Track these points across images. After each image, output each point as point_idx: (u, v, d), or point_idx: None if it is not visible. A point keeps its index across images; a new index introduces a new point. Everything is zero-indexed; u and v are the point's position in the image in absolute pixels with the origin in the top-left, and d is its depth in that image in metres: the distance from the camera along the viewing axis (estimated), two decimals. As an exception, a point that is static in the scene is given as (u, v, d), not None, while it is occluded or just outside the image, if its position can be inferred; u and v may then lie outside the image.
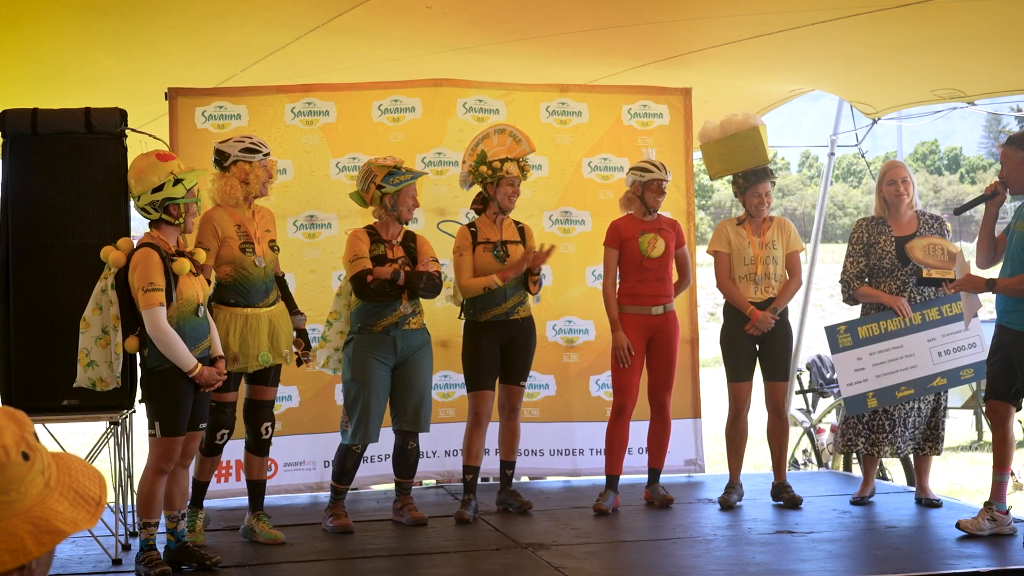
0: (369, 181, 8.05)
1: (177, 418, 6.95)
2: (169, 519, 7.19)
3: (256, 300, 7.67)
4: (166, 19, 8.67)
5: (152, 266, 6.79)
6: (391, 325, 8.06)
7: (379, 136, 9.63)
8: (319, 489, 9.32)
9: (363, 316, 8.08)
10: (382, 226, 8.15)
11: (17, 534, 2.20)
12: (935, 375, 8.79)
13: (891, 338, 8.79)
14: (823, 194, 12.30)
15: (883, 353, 8.79)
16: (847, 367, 8.85)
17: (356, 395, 8.05)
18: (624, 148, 10.14)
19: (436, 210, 9.31)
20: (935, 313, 8.81)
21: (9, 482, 2.21)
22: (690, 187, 10.26)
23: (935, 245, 8.52)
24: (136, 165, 7.02)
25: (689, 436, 10.17)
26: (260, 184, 7.72)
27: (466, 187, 8.73)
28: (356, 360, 8.06)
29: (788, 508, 8.80)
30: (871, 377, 8.81)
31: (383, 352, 8.07)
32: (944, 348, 8.79)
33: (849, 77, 10.79)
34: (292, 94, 9.56)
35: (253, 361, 7.64)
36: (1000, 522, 7.68)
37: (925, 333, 8.78)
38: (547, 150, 9.93)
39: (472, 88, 9.86)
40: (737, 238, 8.89)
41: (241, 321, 7.60)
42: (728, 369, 8.98)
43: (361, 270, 7.94)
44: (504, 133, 8.61)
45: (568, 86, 10.12)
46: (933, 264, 8.45)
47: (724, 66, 10.37)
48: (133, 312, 6.89)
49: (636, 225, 8.76)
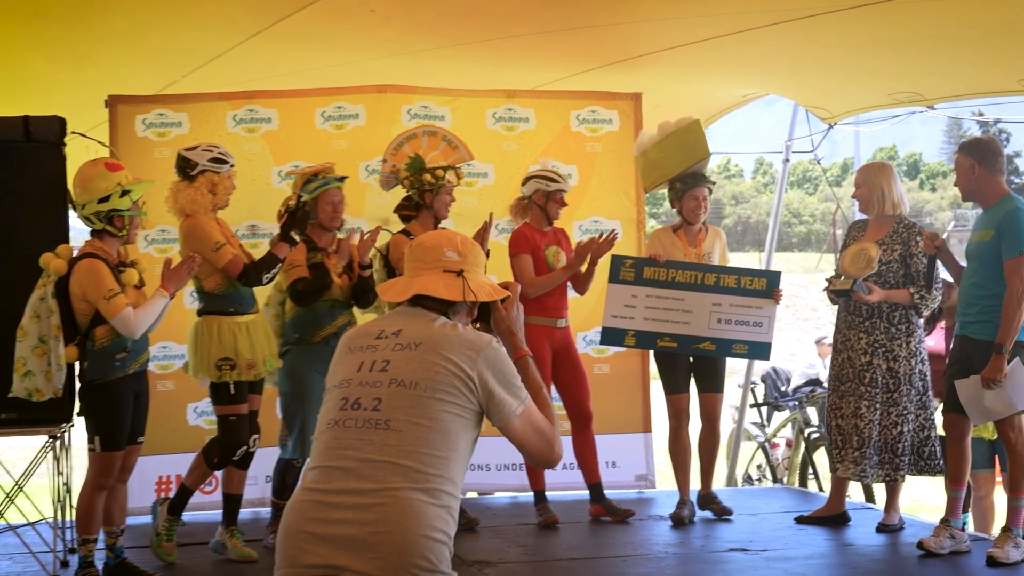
0: (293, 190, 8.17)
1: (118, 432, 7.04)
2: (108, 535, 7.27)
3: (249, 307, 7.77)
4: (107, 24, 8.74)
5: (106, 275, 6.90)
6: (330, 335, 8.04)
7: (322, 144, 9.72)
8: (260, 504, 9.27)
9: (301, 326, 8.09)
10: (313, 234, 8.15)
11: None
12: (704, 339, 8.84)
13: (674, 288, 8.81)
14: (778, 201, 12.42)
15: (660, 300, 8.82)
16: (618, 299, 8.83)
17: (295, 408, 8.04)
18: (572, 155, 10.21)
19: (380, 220, 9.20)
20: (732, 281, 8.89)
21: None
22: (640, 195, 10.28)
23: (862, 251, 8.38)
24: (83, 173, 7.05)
25: (639, 451, 10.21)
26: (227, 195, 7.80)
27: (387, 188, 8.76)
28: (295, 372, 8.05)
29: (718, 519, 8.89)
30: (638, 317, 8.83)
31: (322, 363, 7.60)
32: (726, 317, 8.85)
33: (804, 81, 10.87)
34: (234, 101, 9.67)
35: (262, 367, 7.74)
36: (959, 539, 7.76)
37: (712, 296, 8.82)
38: (493, 157, 10.01)
39: (417, 94, 9.93)
40: (672, 247, 8.95)
41: (245, 328, 7.69)
42: (664, 382, 9.01)
43: (297, 278, 7.96)
44: (436, 136, 8.67)
45: (515, 91, 10.21)
46: (852, 273, 8.33)
47: (675, 70, 10.45)
48: (74, 322, 6.98)
49: (539, 236, 8.82)
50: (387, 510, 3.87)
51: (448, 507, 3.99)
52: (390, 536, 3.84)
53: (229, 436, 7.64)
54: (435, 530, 3.91)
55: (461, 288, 4.19)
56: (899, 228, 8.42)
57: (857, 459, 8.34)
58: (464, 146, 8.70)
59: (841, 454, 8.47)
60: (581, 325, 9.86)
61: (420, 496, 3.89)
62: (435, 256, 4.25)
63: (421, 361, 4.03)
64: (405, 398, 3.98)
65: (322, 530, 3.90)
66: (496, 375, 4.06)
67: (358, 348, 4.17)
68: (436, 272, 4.22)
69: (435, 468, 3.94)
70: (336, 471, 3.97)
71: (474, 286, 4.21)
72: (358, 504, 3.89)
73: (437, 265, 4.23)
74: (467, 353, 4.05)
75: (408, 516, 3.86)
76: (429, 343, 4.06)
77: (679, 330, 8.84)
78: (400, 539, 3.84)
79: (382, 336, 4.16)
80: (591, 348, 10.09)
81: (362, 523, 3.86)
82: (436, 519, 3.92)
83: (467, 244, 4.31)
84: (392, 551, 3.83)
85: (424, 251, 4.29)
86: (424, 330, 4.11)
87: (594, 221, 10.21)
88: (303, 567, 3.91)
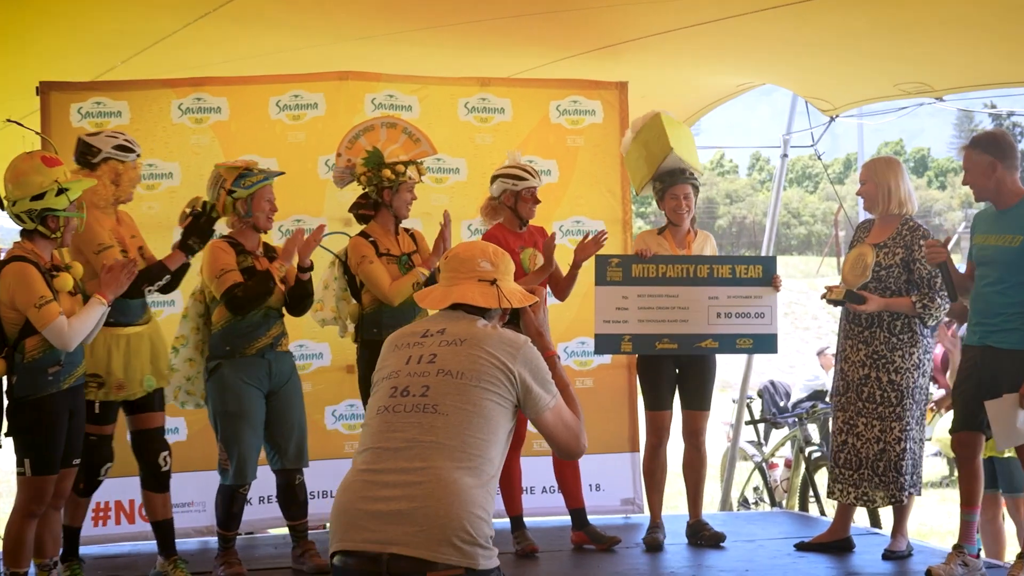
0: (219, 187, 7.89)
1: (50, 453, 6.93)
2: (40, 568, 7.16)
3: (135, 317, 7.66)
4: (38, 4, 8.59)
5: (36, 281, 6.76)
6: (266, 347, 7.93)
7: (277, 136, 9.64)
8: (209, 533, 9.09)
9: (232, 337, 7.89)
10: (240, 236, 7.99)
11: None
12: (706, 336, 8.81)
13: (667, 284, 8.77)
14: (775, 200, 12.42)
15: (653, 298, 8.79)
16: (608, 303, 8.78)
17: (233, 429, 7.84)
18: (552, 149, 10.14)
19: (341, 220, 9.12)
20: (726, 271, 8.91)
21: None
22: (626, 193, 10.24)
23: (860, 256, 8.36)
24: (16, 166, 6.94)
25: (626, 472, 10.13)
26: (131, 188, 7.72)
27: (341, 185, 8.65)
28: (229, 388, 7.85)
29: (709, 547, 8.80)
30: (632, 320, 8.79)
31: (257, 377, 7.89)
32: (725, 310, 8.84)
33: (804, 70, 10.83)
34: (179, 89, 9.55)
35: (138, 387, 7.62)
36: (972, 567, 7.66)
37: (707, 289, 8.80)
38: (466, 151, 9.94)
39: (382, 82, 9.82)
40: (658, 251, 8.88)
41: (124, 343, 7.57)
42: (646, 396, 8.96)
43: (232, 284, 7.76)
44: (396, 128, 8.58)
45: (489, 80, 10.11)
46: (851, 280, 8.33)
47: (664, 57, 10.39)
48: (1, 332, 6.87)
49: (513, 238, 8.68)
50: (432, 486, 4.53)
51: (488, 486, 4.65)
52: (434, 510, 4.48)
53: (88, 456, 7.49)
54: (476, 506, 4.55)
55: (496, 296, 5.01)
56: (902, 230, 8.34)
57: (856, 481, 8.30)
58: (426, 139, 8.63)
59: (839, 475, 8.42)
60: (562, 335, 9.79)
61: (463, 475, 4.57)
62: (470, 267, 5.06)
63: (466, 355, 4.77)
64: (451, 386, 4.71)
65: (372, 507, 4.55)
66: (532, 372, 4.85)
67: (405, 345, 4.92)
68: (472, 281, 5.03)
69: (478, 450, 4.64)
70: (386, 451, 4.66)
71: (507, 293, 5.03)
72: (406, 481, 4.55)
73: (473, 275, 5.04)
74: (507, 350, 4.81)
75: (451, 492, 4.52)
76: (473, 340, 4.82)
77: (677, 329, 8.81)
78: (444, 512, 4.48)
79: (427, 335, 4.92)
80: (572, 360, 10.02)
81: (409, 498, 4.52)
82: (477, 495, 4.57)
83: (499, 255, 5.13)
84: (435, 523, 4.46)
85: (460, 262, 5.08)
86: (467, 329, 4.88)
87: (576, 221, 10.14)
88: (355, 542, 4.54)
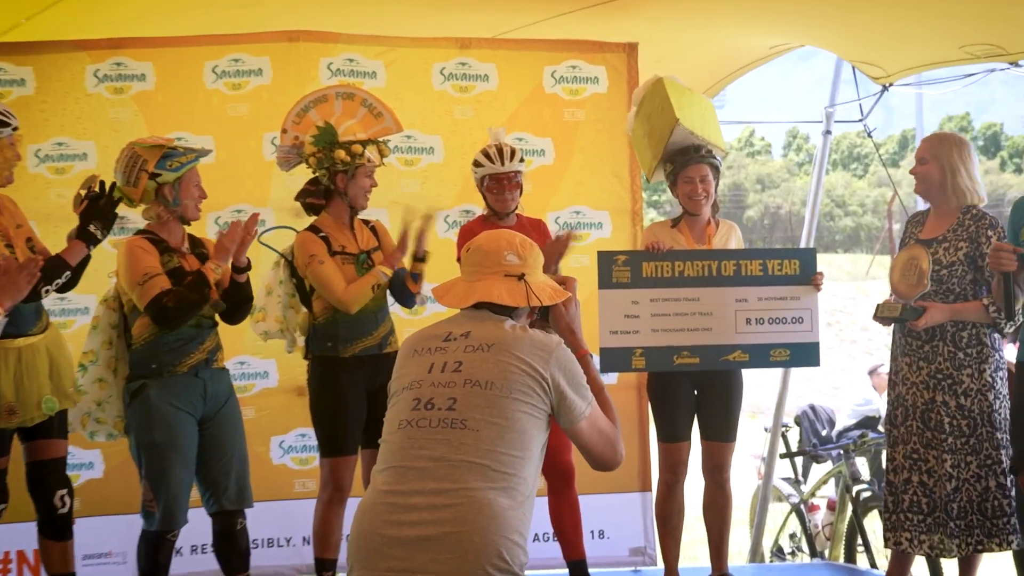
0: (138, 169, 7.49)
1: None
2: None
3: (28, 326, 7.39)
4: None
5: None
6: (200, 363, 7.55)
7: (214, 108, 9.50)
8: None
9: (159, 353, 7.47)
10: (162, 229, 7.58)
11: None
12: (734, 348, 8.38)
13: (685, 285, 8.39)
14: (816, 186, 12.29)
15: (670, 303, 8.38)
16: (615, 309, 8.36)
17: (161, 462, 7.41)
18: (546, 125, 9.96)
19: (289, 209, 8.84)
20: (756, 267, 8.46)
21: None
22: (636, 178, 10.02)
23: (912, 260, 7.92)
24: None
25: (636, 516, 9.91)
26: (10, 168, 7.40)
27: (286, 168, 8.32)
28: (156, 414, 7.41)
29: None
30: (644, 329, 8.37)
31: (189, 400, 7.50)
32: (756, 315, 8.41)
33: (851, 28, 10.50)
34: (95, 52, 9.42)
35: (36, 410, 7.38)
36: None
37: (734, 290, 8.42)
38: (442, 127, 9.80)
39: (340, 44, 9.70)
40: (674, 245, 8.52)
41: (15, 358, 7.32)
42: (660, 425, 8.56)
43: (160, 292, 7.34)
44: (354, 100, 8.26)
45: (470, 40, 9.93)
46: (903, 291, 7.89)
47: (681, 13, 10.17)
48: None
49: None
50: (464, 510, 4.62)
51: (523, 507, 4.74)
52: (469, 536, 4.58)
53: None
54: (512, 530, 4.65)
55: (524, 293, 5.09)
56: (965, 219, 7.88)
57: (930, 527, 7.78)
58: (391, 114, 8.30)
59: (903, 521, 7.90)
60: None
61: (497, 496, 4.67)
62: (495, 260, 5.13)
63: (495, 362, 4.85)
64: (481, 398, 4.79)
65: (397, 532, 4.64)
66: (566, 376, 4.92)
67: (425, 350, 5.02)
68: (497, 277, 5.11)
69: (512, 468, 4.74)
70: (410, 471, 4.75)
71: (536, 289, 5.12)
72: (434, 504, 4.64)
73: (498, 270, 5.12)
74: (539, 354, 4.89)
75: (486, 516, 4.62)
76: (501, 344, 4.91)
77: (700, 340, 8.40)
78: (479, 539, 4.58)
79: (450, 338, 5.01)
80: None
81: (438, 523, 4.62)
82: (512, 519, 4.67)
83: (526, 246, 5.20)
84: (469, 551, 4.56)
85: (483, 255, 5.17)
86: (495, 332, 4.96)
87: (575, 212, 10.01)
88: (378, 571, 4.63)
